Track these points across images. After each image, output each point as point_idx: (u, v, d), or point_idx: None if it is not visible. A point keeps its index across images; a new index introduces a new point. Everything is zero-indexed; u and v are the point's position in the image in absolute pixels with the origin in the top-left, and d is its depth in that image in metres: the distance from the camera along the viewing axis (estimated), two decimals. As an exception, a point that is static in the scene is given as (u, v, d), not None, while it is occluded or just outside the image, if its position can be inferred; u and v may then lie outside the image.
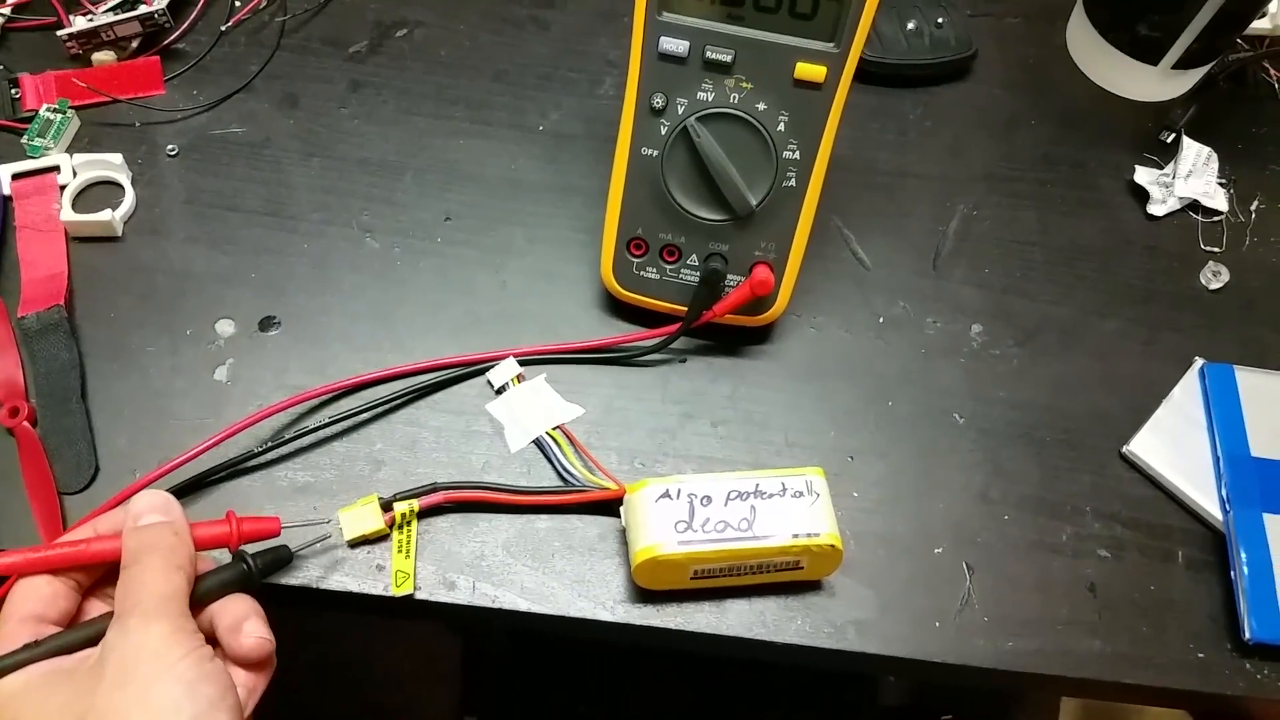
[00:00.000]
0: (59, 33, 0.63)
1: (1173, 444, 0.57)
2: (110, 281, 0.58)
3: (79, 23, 0.64)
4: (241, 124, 0.64)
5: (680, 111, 0.51)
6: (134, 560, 0.41)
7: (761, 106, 0.50)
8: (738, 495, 0.49)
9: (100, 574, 0.44)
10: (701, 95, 0.50)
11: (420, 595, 0.50)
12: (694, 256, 0.55)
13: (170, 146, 0.63)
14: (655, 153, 0.52)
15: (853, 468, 0.55)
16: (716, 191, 0.52)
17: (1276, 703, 0.51)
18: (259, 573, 0.45)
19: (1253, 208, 0.67)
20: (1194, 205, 0.66)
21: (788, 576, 0.50)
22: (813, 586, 0.52)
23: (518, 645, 0.90)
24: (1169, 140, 0.68)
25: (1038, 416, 0.58)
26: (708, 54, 0.49)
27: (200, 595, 0.43)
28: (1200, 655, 0.52)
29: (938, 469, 0.56)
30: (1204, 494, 0.55)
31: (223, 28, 0.67)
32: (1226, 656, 0.52)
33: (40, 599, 0.42)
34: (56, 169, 0.60)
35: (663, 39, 0.49)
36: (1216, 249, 0.65)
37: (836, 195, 0.63)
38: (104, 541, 0.43)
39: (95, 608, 0.44)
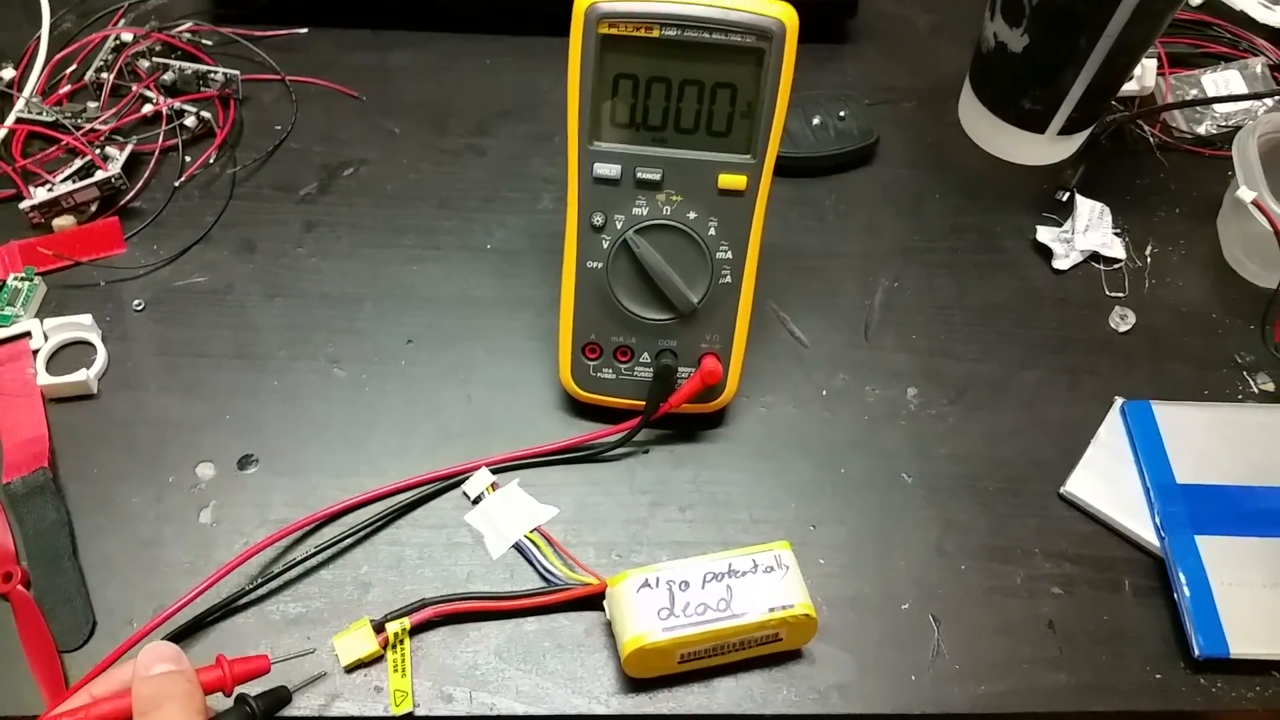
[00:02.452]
0: (20, 205, 0.66)
1: (1105, 480, 0.61)
2: (90, 438, 0.60)
3: (39, 193, 0.66)
4: (203, 273, 0.67)
5: (619, 226, 0.55)
6: (152, 707, 0.43)
7: (692, 215, 0.55)
8: (713, 576, 0.52)
9: None
10: (637, 210, 0.55)
11: (420, 712, 0.52)
12: (646, 354, 0.59)
13: (136, 302, 0.65)
14: (600, 265, 0.56)
15: (816, 536, 0.59)
16: (660, 294, 0.56)
17: (1233, 713, 0.54)
18: (262, 714, 0.47)
19: (1147, 252, 0.73)
20: (1095, 256, 0.71)
21: (769, 649, 0.53)
22: (794, 656, 0.54)
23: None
24: (1064, 199, 0.74)
25: (979, 468, 0.62)
26: (638, 174, 0.54)
27: None
28: (1158, 676, 0.55)
29: (894, 528, 0.59)
30: (1140, 524, 0.59)
31: (176, 184, 0.70)
32: (1182, 674, 0.55)
33: None
34: (28, 335, 0.62)
35: (596, 165, 0.53)
36: (1121, 294, 0.70)
37: (770, 281, 0.67)
38: (106, 703, 0.44)
39: None
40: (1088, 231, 0.71)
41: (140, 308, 0.65)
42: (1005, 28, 0.69)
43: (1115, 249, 0.72)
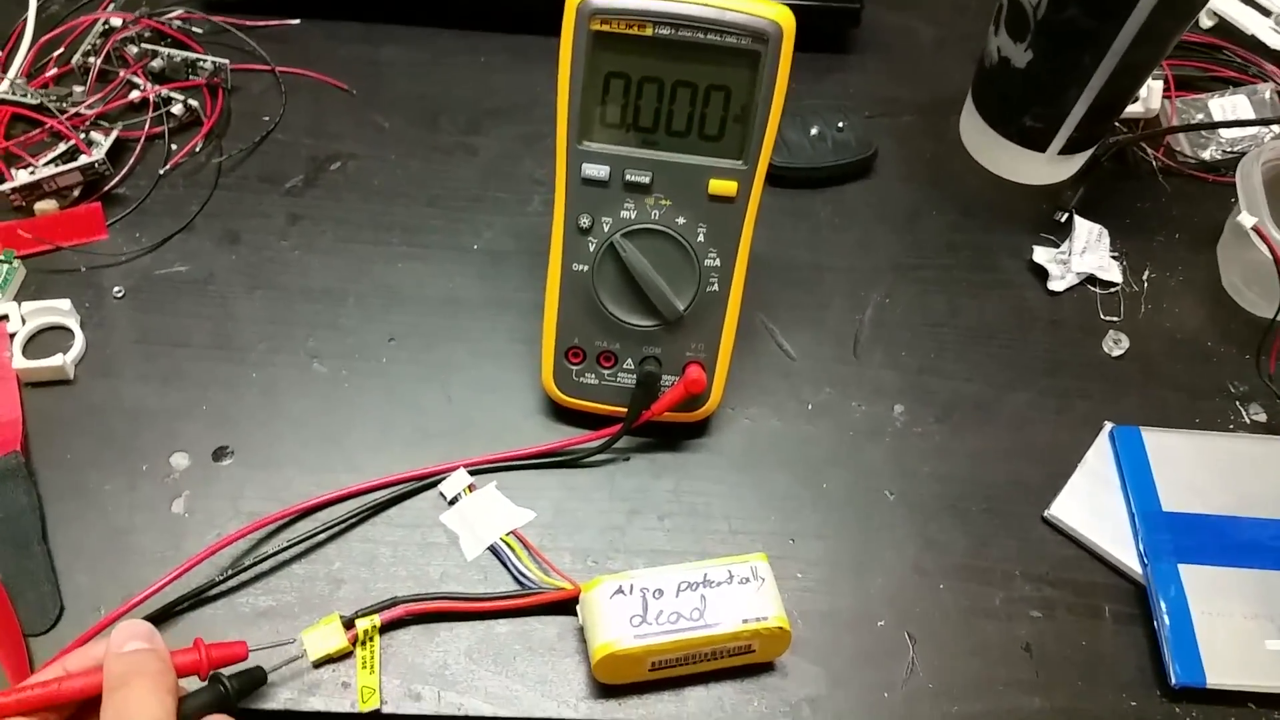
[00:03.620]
0: (1, 187, 0.65)
1: (1090, 505, 0.60)
2: (65, 424, 0.59)
3: (21, 176, 0.66)
4: (185, 262, 0.67)
5: (606, 229, 0.54)
6: (122, 684, 0.42)
7: (681, 221, 0.54)
8: (688, 586, 0.51)
9: (69, 712, 0.45)
10: (625, 214, 0.54)
11: (387, 709, 0.51)
12: (629, 361, 0.58)
13: (116, 289, 0.65)
14: (585, 268, 0.56)
15: (794, 550, 0.58)
16: (646, 300, 0.55)
17: (1209, 744, 0.54)
18: (235, 694, 0.47)
19: (1145, 277, 0.72)
20: (1091, 279, 0.71)
21: (741, 660, 0.52)
22: (766, 668, 0.54)
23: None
24: (1062, 220, 0.74)
25: (962, 488, 0.61)
26: (627, 176, 0.53)
27: (181, 719, 0.44)
28: (1133, 704, 0.54)
29: (873, 545, 0.59)
30: (1123, 550, 0.59)
31: (161, 171, 0.70)
32: (1157, 703, 0.54)
33: None
34: (5, 318, 0.61)
35: (585, 165, 0.53)
36: (1116, 318, 0.70)
37: (759, 292, 0.66)
38: (77, 679, 0.44)
39: None
40: (1085, 254, 0.71)
41: (120, 295, 0.65)
42: (1009, 42, 0.69)
43: (1112, 272, 0.71)
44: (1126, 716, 0.54)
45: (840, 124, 0.74)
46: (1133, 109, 0.78)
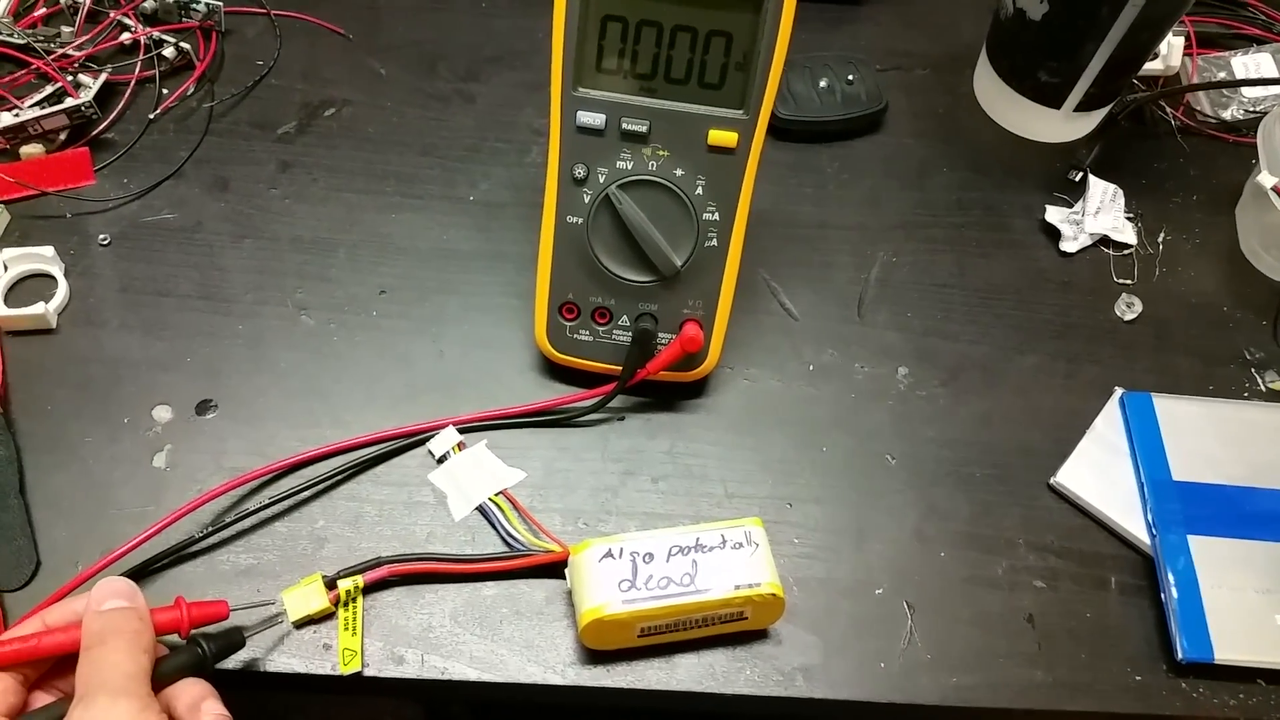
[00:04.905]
0: (-15, 129, 0.64)
1: (1098, 473, 0.59)
2: (45, 374, 0.58)
3: (5, 118, 0.64)
4: (173, 210, 0.65)
5: (601, 180, 0.52)
6: (98, 641, 0.42)
7: (679, 172, 0.52)
8: (679, 550, 0.50)
9: (46, 667, 0.44)
10: (621, 164, 0.52)
11: (369, 672, 0.50)
12: (625, 317, 0.56)
13: (102, 236, 0.63)
14: (580, 220, 0.54)
15: (791, 514, 0.56)
16: (642, 254, 0.54)
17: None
18: (213, 656, 0.46)
19: (1160, 239, 0.70)
20: (1104, 240, 0.69)
21: (733, 628, 0.51)
22: (759, 636, 0.52)
23: (477, 712, 0.89)
24: (1076, 179, 0.71)
25: (966, 453, 0.59)
26: (624, 125, 0.51)
27: (157, 679, 0.43)
28: (1138, 678, 0.53)
29: (873, 511, 0.57)
30: (1131, 520, 0.57)
31: (150, 116, 0.68)
32: (1163, 678, 0.53)
33: None
34: (-13, 264, 0.60)
35: (580, 113, 0.51)
36: (1129, 281, 0.68)
37: (761, 249, 0.64)
38: (57, 634, 0.43)
39: (40, 699, 0.44)
40: (1099, 214, 0.69)
41: (106, 242, 0.63)
42: (1025, -6, 0.66)
43: (1126, 234, 0.69)
44: (1131, 691, 0.52)
45: (850, 77, 0.72)
46: (1152, 66, 0.76)
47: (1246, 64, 0.78)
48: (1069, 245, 0.68)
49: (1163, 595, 0.54)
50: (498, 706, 0.88)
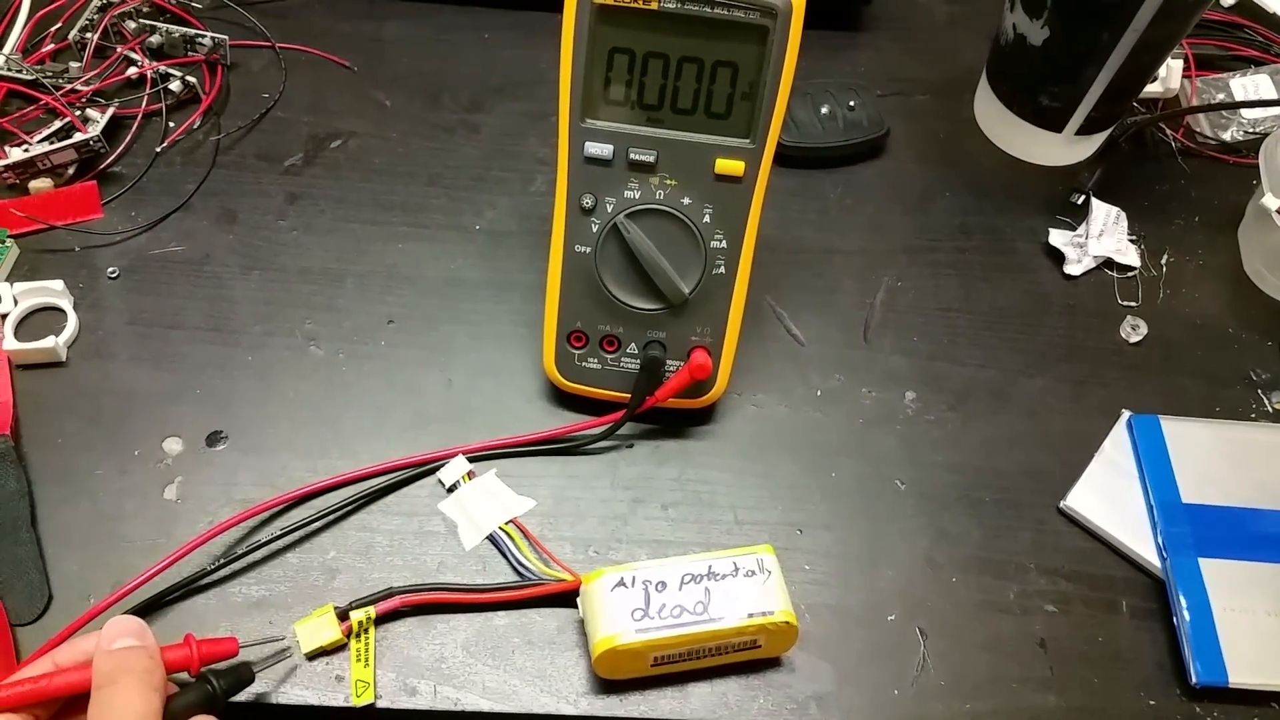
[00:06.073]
0: (-6, 164, 0.64)
1: (1108, 496, 0.59)
2: (56, 407, 0.58)
3: (15, 154, 0.64)
4: (180, 242, 0.65)
5: (609, 210, 0.53)
6: (109, 681, 0.41)
7: (686, 201, 0.52)
8: (691, 578, 0.50)
9: (57, 707, 0.44)
10: (629, 194, 0.52)
11: (381, 704, 0.50)
12: (633, 345, 0.57)
13: (111, 269, 0.63)
14: (588, 249, 0.54)
15: (801, 541, 0.56)
16: (650, 283, 0.54)
17: (1228, 743, 0.52)
18: (223, 693, 0.45)
19: (1163, 261, 0.70)
20: (1108, 263, 0.69)
21: (746, 656, 0.51)
22: (772, 664, 0.52)
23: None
24: (1079, 202, 0.72)
25: (975, 478, 0.59)
26: (631, 155, 0.51)
27: (168, 717, 0.43)
28: (1151, 703, 0.53)
29: (883, 536, 0.57)
30: (1142, 543, 0.57)
31: (158, 149, 0.68)
32: (1177, 702, 0.53)
33: None
34: (-3, 299, 0.60)
35: (587, 143, 0.51)
36: (1133, 303, 0.68)
37: (767, 275, 0.65)
38: (68, 674, 0.43)
39: None
40: (1102, 237, 0.69)
41: (114, 275, 0.63)
42: (1025, 19, 0.67)
43: (1130, 256, 0.69)
44: (1145, 716, 0.52)
45: (851, 103, 0.72)
46: (1151, 89, 0.76)
47: (1245, 85, 0.78)
48: (1073, 268, 0.68)
49: (1175, 619, 0.54)
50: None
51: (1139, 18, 0.62)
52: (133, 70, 0.70)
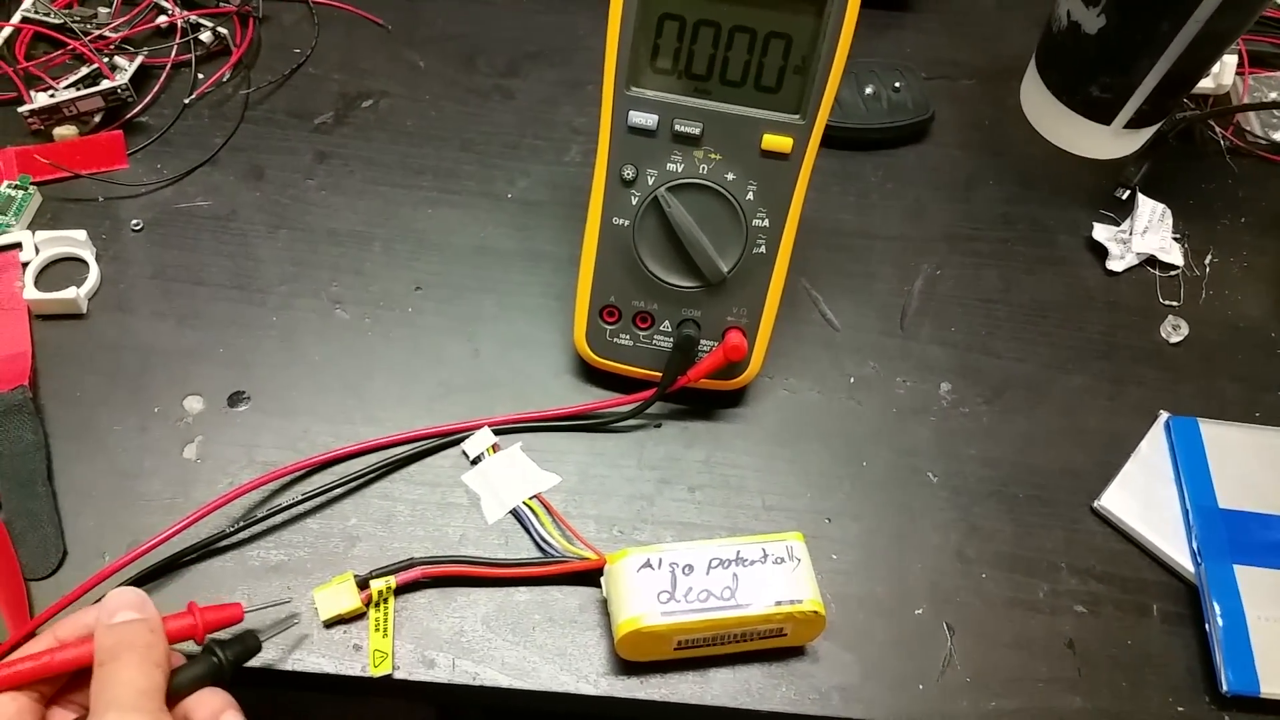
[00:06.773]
0: (20, 109, 0.63)
1: (1143, 498, 0.57)
2: (75, 360, 0.57)
3: (40, 99, 0.63)
4: (206, 197, 0.64)
5: (650, 182, 0.51)
6: (111, 657, 0.40)
7: (730, 176, 0.51)
8: (719, 563, 0.49)
9: (62, 683, 0.43)
10: (671, 166, 0.51)
11: (399, 675, 0.49)
12: (667, 323, 0.55)
13: (135, 221, 0.62)
14: (626, 222, 0.53)
15: (830, 530, 0.55)
16: (688, 259, 0.52)
17: (1256, 755, 0.51)
18: (230, 664, 0.44)
19: (1207, 261, 0.68)
20: (1151, 260, 0.67)
21: (771, 644, 0.50)
22: (796, 653, 0.51)
23: (491, 715, 0.88)
24: (1124, 197, 0.70)
25: (1009, 473, 0.58)
26: (676, 127, 0.50)
27: (173, 691, 0.42)
28: (1180, 709, 0.52)
29: (913, 529, 0.56)
30: (1175, 547, 0.56)
31: (186, 101, 0.67)
32: (1206, 709, 0.52)
33: (6, 717, 0.41)
34: (18, 246, 0.59)
35: (631, 113, 0.50)
36: (1175, 303, 0.66)
37: (804, 257, 0.63)
38: (69, 649, 0.42)
39: (59, 715, 0.43)
40: (1146, 233, 0.67)
41: (138, 228, 0.62)
42: (1080, 7, 0.65)
43: (1173, 255, 0.67)
44: (1173, 722, 0.51)
45: (897, 84, 0.70)
46: (1203, 84, 0.75)
47: (1298, 85, 0.77)
48: (1115, 264, 0.67)
49: (1207, 625, 0.53)
50: (515, 713, 0.87)
51: (1202, 8, 0.60)
52: (163, 19, 0.69)
